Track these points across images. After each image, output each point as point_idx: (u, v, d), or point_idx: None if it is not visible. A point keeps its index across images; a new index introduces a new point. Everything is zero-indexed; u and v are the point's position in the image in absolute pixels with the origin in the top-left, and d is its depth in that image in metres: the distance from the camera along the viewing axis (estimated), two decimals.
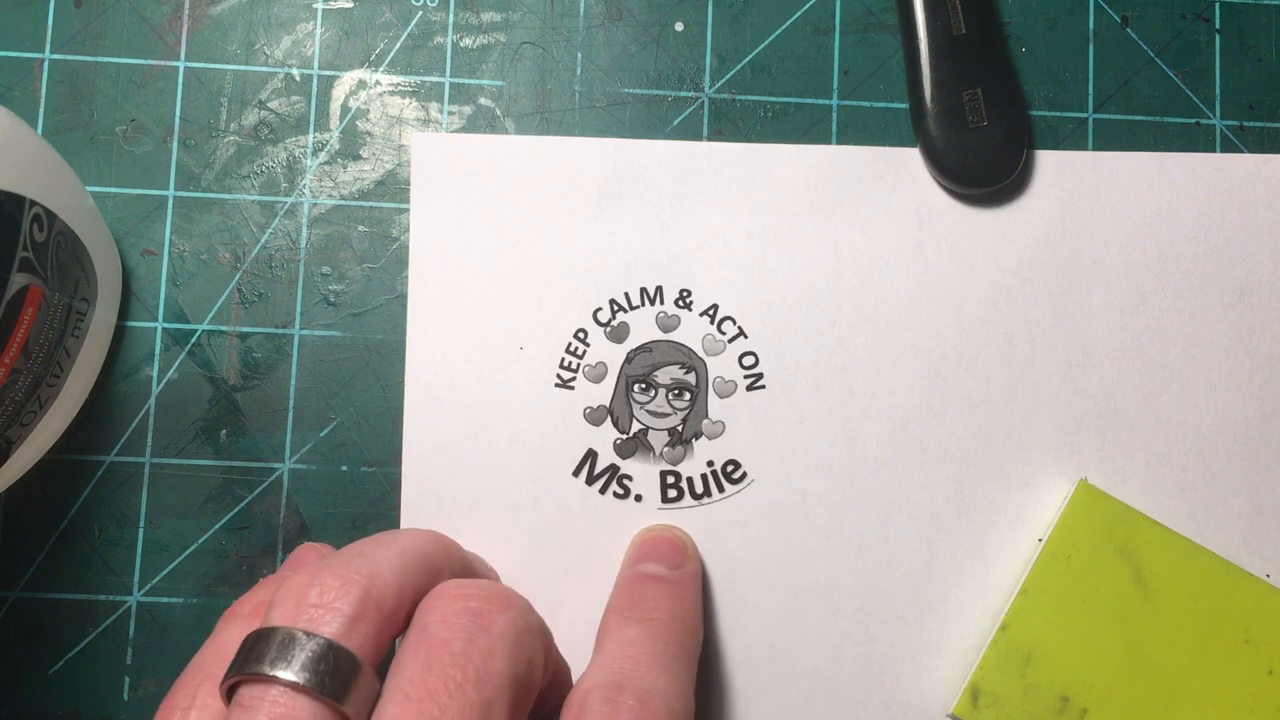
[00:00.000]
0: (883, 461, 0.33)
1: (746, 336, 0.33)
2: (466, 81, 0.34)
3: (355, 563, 0.23)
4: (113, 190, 0.33)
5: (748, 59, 0.34)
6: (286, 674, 0.21)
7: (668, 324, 0.33)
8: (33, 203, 0.27)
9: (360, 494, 0.33)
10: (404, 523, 0.32)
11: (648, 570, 0.30)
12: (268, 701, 0.21)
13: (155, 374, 0.33)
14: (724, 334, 0.33)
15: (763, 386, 0.33)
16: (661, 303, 0.33)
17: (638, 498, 0.32)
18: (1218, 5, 0.35)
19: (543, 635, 0.24)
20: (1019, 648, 0.30)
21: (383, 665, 0.23)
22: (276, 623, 0.22)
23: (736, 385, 0.33)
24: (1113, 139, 0.35)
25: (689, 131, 0.34)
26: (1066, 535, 0.31)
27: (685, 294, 0.33)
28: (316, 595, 0.22)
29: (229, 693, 0.22)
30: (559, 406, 0.33)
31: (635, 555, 0.31)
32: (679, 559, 0.31)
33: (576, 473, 0.32)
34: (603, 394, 0.33)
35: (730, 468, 0.33)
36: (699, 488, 0.32)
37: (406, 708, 0.21)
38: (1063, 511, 0.31)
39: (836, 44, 0.35)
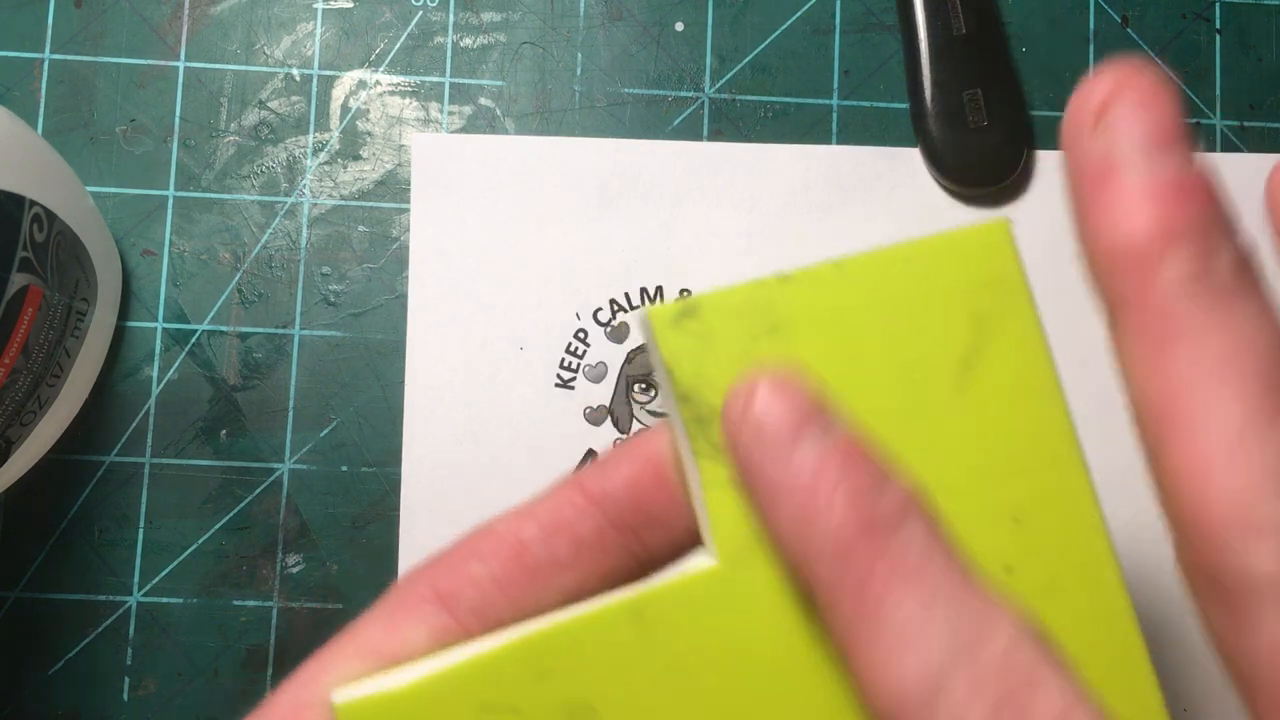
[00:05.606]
0: None
1: None
2: (466, 81, 0.34)
3: None
4: (113, 190, 0.33)
5: (748, 59, 0.34)
6: None
7: None
8: (33, 203, 0.27)
9: (360, 494, 0.33)
10: (404, 523, 0.32)
11: None
12: None
13: (155, 374, 0.33)
14: None
15: None
16: (662, 302, 0.33)
17: None
18: (1218, 5, 0.35)
19: None
20: None
21: None
22: None
23: None
24: None
25: (689, 131, 0.34)
26: None
27: (685, 294, 0.33)
28: None
29: None
30: (559, 406, 0.33)
31: None
32: None
33: None
34: (603, 394, 0.33)
35: None
36: None
37: None
38: None
39: (836, 44, 0.35)
